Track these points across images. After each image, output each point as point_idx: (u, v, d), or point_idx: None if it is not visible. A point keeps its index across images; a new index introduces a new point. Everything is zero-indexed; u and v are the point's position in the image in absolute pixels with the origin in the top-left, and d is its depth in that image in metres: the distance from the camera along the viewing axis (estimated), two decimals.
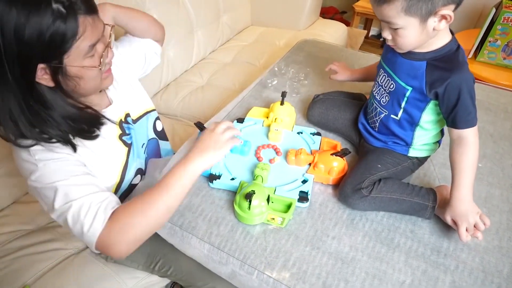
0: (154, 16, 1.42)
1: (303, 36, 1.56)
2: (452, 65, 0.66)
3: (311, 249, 0.71)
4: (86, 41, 0.59)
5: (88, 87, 0.65)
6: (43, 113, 0.61)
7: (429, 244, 0.73)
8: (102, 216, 0.61)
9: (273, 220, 0.75)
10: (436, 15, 0.61)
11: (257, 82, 1.19)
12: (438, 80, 0.66)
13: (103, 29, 0.63)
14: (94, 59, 0.63)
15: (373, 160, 0.81)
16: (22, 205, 1.06)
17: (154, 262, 0.90)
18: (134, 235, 0.62)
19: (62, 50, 0.57)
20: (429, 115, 0.74)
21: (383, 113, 0.80)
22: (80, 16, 0.56)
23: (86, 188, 0.63)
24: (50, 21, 0.53)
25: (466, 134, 0.69)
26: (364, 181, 0.76)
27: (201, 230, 0.75)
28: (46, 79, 0.59)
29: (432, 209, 0.74)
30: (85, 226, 0.60)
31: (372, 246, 0.72)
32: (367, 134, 0.87)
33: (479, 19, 2.01)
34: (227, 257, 0.71)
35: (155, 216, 0.64)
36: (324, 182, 0.84)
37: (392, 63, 0.75)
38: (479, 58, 1.63)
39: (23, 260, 0.90)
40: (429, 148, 0.82)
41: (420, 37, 0.65)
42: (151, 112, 0.89)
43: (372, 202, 0.75)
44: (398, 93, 0.74)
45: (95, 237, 0.60)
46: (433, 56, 0.68)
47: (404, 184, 0.77)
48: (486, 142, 0.97)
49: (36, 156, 0.62)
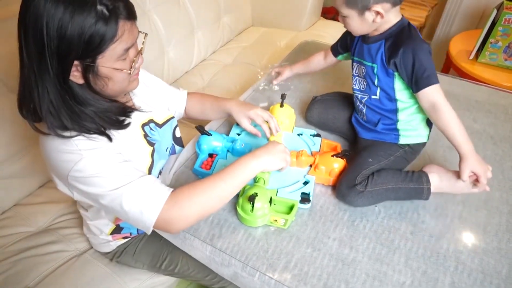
0: (154, 16, 1.43)
1: (304, 37, 1.56)
2: (404, 36, 0.74)
3: (312, 251, 0.72)
4: (122, 44, 0.61)
5: (116, 88, 0.67)
6: (77, 108, 0.63)
7: (429, 245, 0.73)
8: (161, 194, 0.64)
9: (275, 221, 0.75)
10: (371, 11, 0.72)
11: (257, 84, 1.20)
12: (393, 51, 0.74)
13: (137, 36, 0.66)
14: (125, 63, 0.65)
15: (364, 156, 0.83)
16: (23, 207, 1.06)
17: (161, 260, 0.90)
18: (195, 210, 0.66)
19: (98, 50, 0.59)
20: (399, 86, 0.79)
21: (365, 97, 0.85)
22: (121, 20, 0.59)
23: (134, 173, 0.66)
24: (92, 21, 0.56)
25: (432, 95, 0.72)
26: (356, 177, 0.77)
27: (203, 232, 0.75)
28: (76, 76, 0.61)
29: (427, 190, 0.77)
30: (145, 207, 0.63)
31: (372, 248, 0.73)
32: (359, 127, 0.90)
33: (481, 20, 2.01)
34: (229, 258, 0.72)
35: (215, 197, 0.67)
36: (325, 183, 0.85)
37: (359, 52, 0.84)
38: (481, 59, 1.63)
39: (24, 262, 0.90)
40: (420, 134, 0.83)
41: (362, 26, 0.76)
42: (172, 120, 0.92)
43: (369, 196, 0.76)
44: (369, 73, 0.82)
45: (156, 215, 0.63)
46: (388, 34, 0.77)
47: (397, 172, 0.79)
48: (486, 144, 0.98)
49: (79, 146, 0.63)
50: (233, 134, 0.96)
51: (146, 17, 1.39)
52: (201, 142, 0.90)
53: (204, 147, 0.89)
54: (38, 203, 1.07)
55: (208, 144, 0.89)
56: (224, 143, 0.90)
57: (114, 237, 0.89)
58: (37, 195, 1.10)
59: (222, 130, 1.02)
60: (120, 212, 0.65)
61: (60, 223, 1.03)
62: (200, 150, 0.89)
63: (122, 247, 0.91)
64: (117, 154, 0.67)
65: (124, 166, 0.66)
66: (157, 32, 1.44)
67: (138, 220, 0.65)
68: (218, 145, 0.89)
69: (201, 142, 0.90)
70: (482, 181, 0.73)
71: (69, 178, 0.64)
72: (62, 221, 1.04)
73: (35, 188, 1.11)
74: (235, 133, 0.96)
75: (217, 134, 0.91)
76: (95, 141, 0.65)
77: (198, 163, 0.87)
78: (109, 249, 0.91)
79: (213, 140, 0.89)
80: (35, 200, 1.08)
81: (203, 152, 0.89)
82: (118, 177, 0.64)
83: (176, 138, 0.94)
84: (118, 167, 0.65)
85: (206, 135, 0.89)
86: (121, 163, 0.66)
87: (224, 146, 0.90)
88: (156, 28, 1.44)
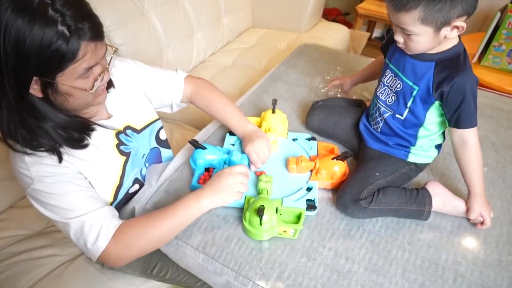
0: (153, 18, 1.42)
1: (304, 39, 1.54)
2: (459, 66, 0.69)
3: (307, 260, 0.70)
4: (84, 64, 0.59)
5: (77, 104, 0.65)
6: (34, 124, 0.61)
7: (427, 256, 0.72)
8: (105, 234, 0.65)
9: (285, 233, 0.73)
10: (450, 25, 0.64)
11: (254, 88, 1.18)
12: (444, 80, 0.69)
13: (104, 53, 0.63)
14: (88, 81, 0.62)
15: (371, 167, 0.80)
16: (18, 209, 1.05)
17: (151, 266, 0.89)
18: (136, 250, 0.67)
19: (57, 69, 0.57)
20: (433, 115, 0.75)
21: (388, 113, 0.81)
22: (83, 42, 0.56)
23: (86, 204, 0.66)
24: (53, 39, 0.53)
25: (467, 135, 0.72)
26: (362, 191, 0.75)
27: (196, 240, 0.74)
28: (36, 90, 0.59)
29: (428, 212, 0.77)
30: (88, 242, 0.64)
31: (369, 258, 0.71)
32: (368, 136, 0.87)
33: (484, 22, 1.99)
34: (222, 267, 0.70)
35: (157, 236, 0.68)
36: (328, 187, 0.83)
37: (400, 63, 0.77)
38: (484, 63, 1.61)
39: (18, 266, 0.90)
40: (429, 155, 0.82)
41: (431, 43, 0.68)
42: (155, 122, 0.89)
43: (371, 213, 0.76)
44: (405, 92, 0.76)
45: (98, 253, 0.65)
46: (441, 57, 0.70)
47: (402, 193, 0.77)
48: (488, 151, 0.96)
49: (32, 169, 0.63)
50: (227, 145, 0.93)
51: (144, 18, 1.38)
52: (196, 157, 0.85)
53: (200, 161, 0.85)
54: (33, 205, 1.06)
55: (203, 159, 0.85)
56: (220, 155, 0.86)
57: None
58: None
59: (214, 141, 0.97)
60: (69, 238, 0.66)
61: (55, 227, 1.01)
62: (196, 165, 0.85)
63: None
64: (73, 179, 0.66)
65: (76, 196, 0.65)
66: (156, 34, 1.43)
67: (84, 251, 0.67)
68: (214, 158, 0.86)
69: (196, 157, 0.85)
70: (487, 223, 0.75)
71: (27, 194, 0.66)
72: None
73: None
74: (229, 144, 0.93)
75: (212, 147, 0.87)
76: (47, 165, 0.64)
77: (195, 179, 0.83)
78: None
79: (208, 154, 0.85)
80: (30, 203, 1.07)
81: (199, 167, 0.85)
82: (68, 209, 0.64)
83: (161, 140, 0.92)
84: (70, 198, 0.65)
85: (201, 149, 0.85)
86: (74, 192, 0.65)
87: (221, 158, 0.86)
88: (154, 30, 1.42)
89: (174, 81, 0.90)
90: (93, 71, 0.62)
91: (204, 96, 0.92)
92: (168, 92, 0.90)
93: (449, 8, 0.61)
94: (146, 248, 0.69)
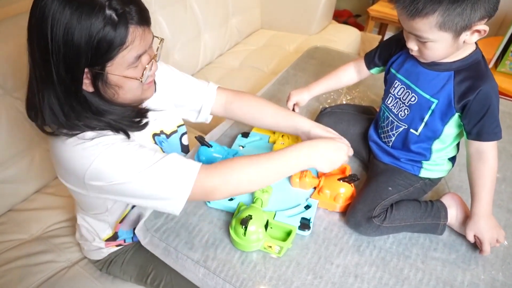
0: (160, 18, 1.39)
1: (314, 41, 1.50)
2: (481, 73, 0.64)
3: (313, 278, 0.66)
4: (133, 51, 0.58)
5: (127, 97, 0.64)
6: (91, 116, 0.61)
7: (442, 277, 0.67)
8: (191, 166, 0.63)
9: (270, 248, 0.70)
10: (470, 30, 0.59)
11: (261, 92, 1.14)
12: (468, 90, 0.63)
13: (152, 41, 0.62)
14: (137, 70, 0.62)
15: (384, 182, 0.76)
16: (17, 213, 1.04)
17: (146, 274, 0.87)
18: (233, 180, 0.64)
19: (107, 57, 0.56)
20: (451, 128, 0.70)
21: (402, 127, 0.75)
22: (131, 26, 0.56)
23: (156, 154, 0.63)
24: (100, 26, 0.53)
25: (487, 148, 0.66)
26: (375, 207, 0.71)
27: (197, 253, 0.70)
28: (86, 84, 0.59)
29: (443, 226, 0.72)
30: (176, 180, 0.62)
31: (379, 277, 0.67)
32: (379, 151, 0.82)
33: (501, 26, 1.92)
34: (223, 283, 0.67)
35: (253, 175, 0.65)
36: (329, 209, 0.78)
37: (413, 74, 0.71)
38: (500, 69, 1.55)
39: (14, 272, 0.88)
40: (442, 169, 0.77)
41: (449, 50, 0.62)
42: (181, 127, 0.88)
43: (384, 231, 0.71)
44: (422, 106, 0.70)
45: (191, 185, 0.62)
46: (460, 65, 0.65)
47: (416, 207, 0.73)
48: (507, 163, 0.91)
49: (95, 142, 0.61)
50: (236, 146, 0.91)
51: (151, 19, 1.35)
52: (200, 153, 0.85)
53: (202, 158, 0.84)
54: (32, 209, 1.05)
55: (207, 156, 0.84)
56: (225, 155, 0.85)
57: (107, 244, 0.86)
58: (32, 201, 1.07)
59: (223, 141, 0.96)
60: (148, 195, 0.62)
61: (54, 231, 1.00)
62: (200, 161, 0.84)
63: (113, 255, 0.88)
64: (133, 143, 0.64)
65: (144, 150, 0.63)
66: (162, 35, 1.40)
67: (170, 197, 0.62)
68: (219, 157, 0.84)
69: (200, 153, 0.85)
70: (484, 249, 0.68)
71: (86, 176, 0.61)
72: (56, 229, 1.01)
73: (31, 194, 1.08)
74: (238, 146, 0.91)
75: (218, 146, 0.86)
76: (110, 136, 0.63)
77: None
78: (100, 257, 0.88)
79: (213, 152, 0.84)
80: (30, 206, 1.05)
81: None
82: (141, 161, 0.61)
83: (183, 146, 0.90)
84: (139, 152, 0.62)
85: (206, 146, 0.84)
86: (140, 148, 0.63)
87: (225, 158, 0.84)
88: (161, 30, 1.40)
89: (206, 88, 0.88)
90: (142, 60, 0.62)
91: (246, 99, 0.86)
92: (199, 98, 0.87)
93: (470, 11, 0.56)
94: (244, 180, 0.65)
